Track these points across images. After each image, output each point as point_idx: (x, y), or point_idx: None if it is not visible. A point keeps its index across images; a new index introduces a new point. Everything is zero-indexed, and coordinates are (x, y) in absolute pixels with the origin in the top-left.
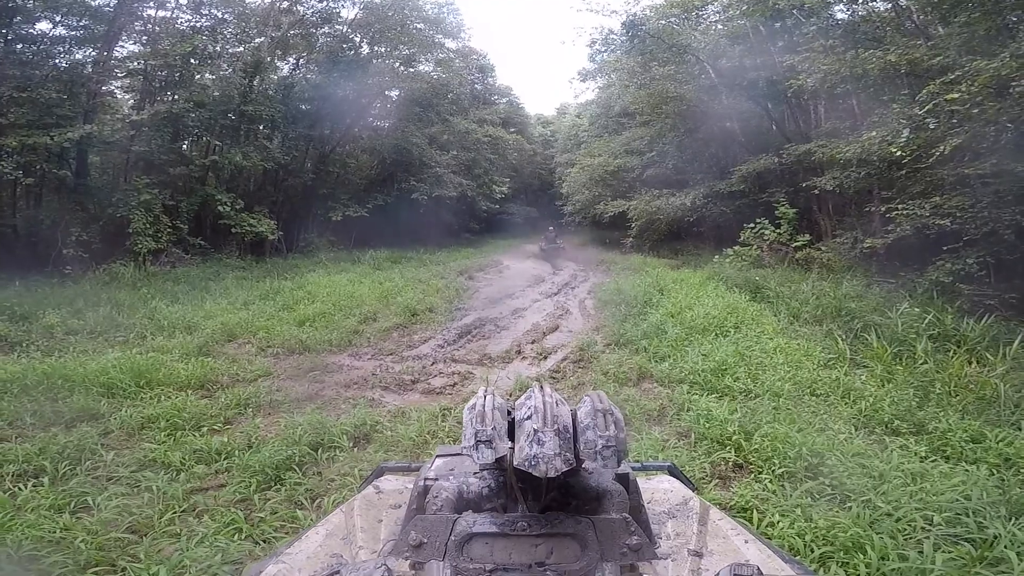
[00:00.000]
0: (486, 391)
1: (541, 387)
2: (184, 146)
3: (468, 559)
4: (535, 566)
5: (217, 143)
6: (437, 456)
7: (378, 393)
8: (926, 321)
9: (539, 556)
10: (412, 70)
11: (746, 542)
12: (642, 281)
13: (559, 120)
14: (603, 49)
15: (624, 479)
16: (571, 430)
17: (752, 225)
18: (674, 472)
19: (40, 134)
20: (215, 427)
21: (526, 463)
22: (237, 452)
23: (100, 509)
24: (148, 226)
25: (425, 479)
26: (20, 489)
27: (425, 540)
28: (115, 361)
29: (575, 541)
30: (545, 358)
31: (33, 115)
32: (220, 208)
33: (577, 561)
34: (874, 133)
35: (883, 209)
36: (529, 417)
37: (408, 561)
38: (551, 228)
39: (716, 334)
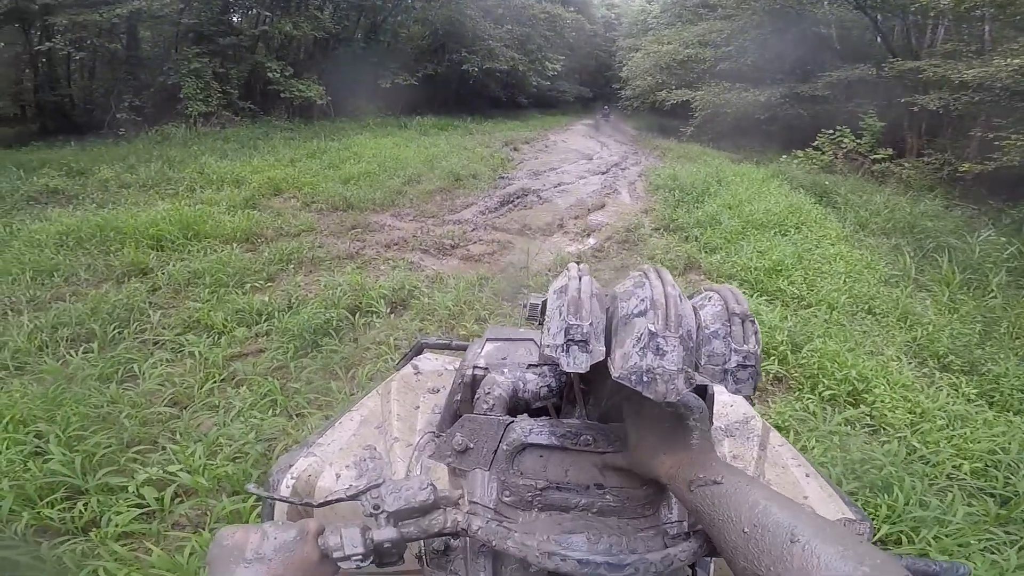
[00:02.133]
0: (580, 270)
1: (659, 273)
2: (235, 18)
3: (518, 472)
4: (593, 487)
5: (267, 13)
6: (487, 340)
7: (417, 256)
8: (1008, 252)
9: (598, 476)
10: None
11: (807, 476)
12: (700, 170)
13: (626, 3)
14: None
15: (702, 391)
16: (695, 338)
17: (831, 131)
18: None
19: (89, 12)
20: (257, 284)
21: (634, 377)
22: (277, 313)
23: (145, 378)
24: (199, 91)
25: (474, 367)
26: (72, 356)
27: (472, 444)
28: (164, 213)
29: None
30: (588, 235)
31: None
32: (270, 75)
33: (642, 487)
34: (1013, 60)
35: (991, 136)
36: (642, 313)
37: (449, 466)
38: (606, 107)
39: (775, 231)
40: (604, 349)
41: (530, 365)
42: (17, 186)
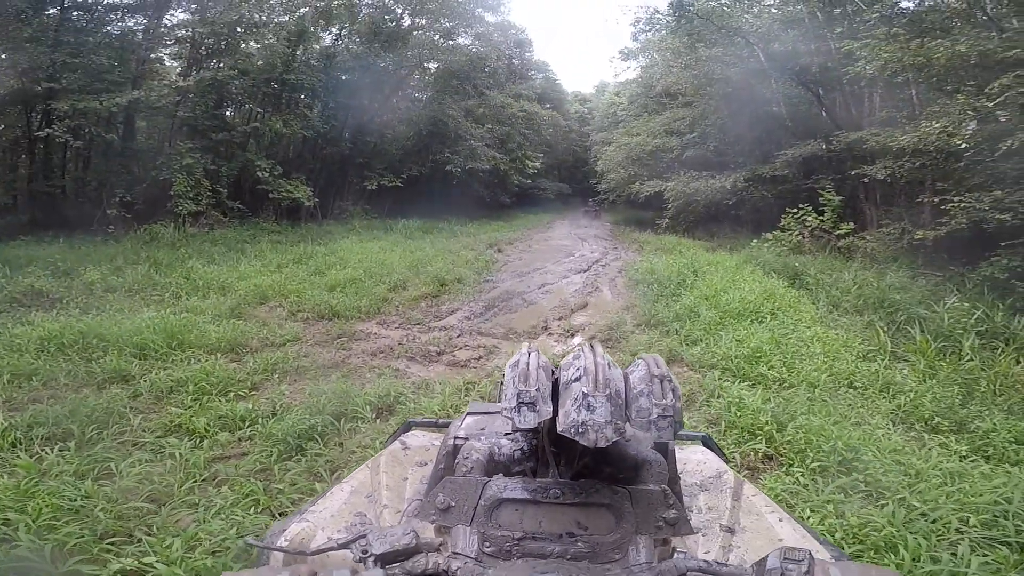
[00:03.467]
0: (530, 348)
1: (592, 347)
2: (228, 112)
3: (496, 525)
4: (566, 536)
5: (259, 110)
6: (468, 414)
7: (403, 363)
8: (975, 317)
9: (570, 525)
10: (451, 43)
11: (780, 520)
12: (676, 262)
13: (597, 98)
14: (647, 28)
15: (663, 448)
16: (623, 396)
17: (795, 210)
18: (708, 443)
19: (91, 99)
20: (241, 392)
21: (572, 430)
22: (261, 419)
23: (122, 476)
24: (189, 189)
25: (455, 438)
26: (47, 453)
27: (453, 503)
28: (149, 321)
29: (610, 512)
30: (572, 335)
31: (85, 80)
32: (259, 174)
33: (611, 533)
34: (936, 123)
35: (936, 200)
36: (578, 379)
37: (434, 524)
38: (592, 202)
39: (751, 319)
40: (551, 409)
41: (506, 434)
42: (1, 285)
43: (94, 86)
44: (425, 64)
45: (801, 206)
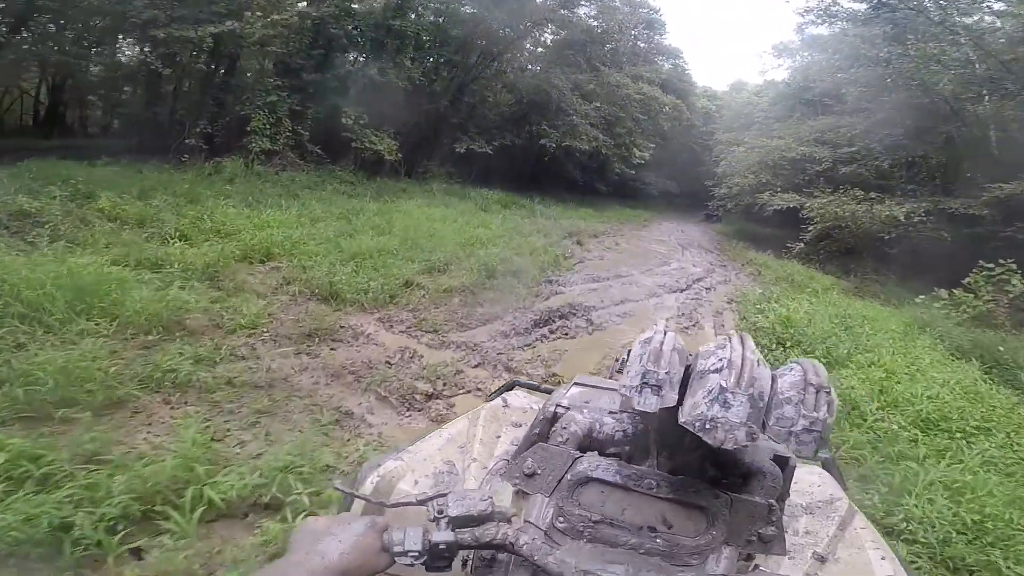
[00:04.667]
0: (666, 326)
1: (742, 339)
2: (325, 54)
3: (576, 503)
4: (646, 529)
5: (359, 56)
6: (574, 383)
7: (367, 405)
8: None
9: (654, 520)
10: (571, 13)
11: (882, 559)
12: (816, 308)
13: (731, 96)
14: (819, 20)
15: (783, 462)
16: (766, 400)
17: (990, 266)
18: (828, 466)
19: (188, 28)
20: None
21: (697, 424)
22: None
23: None
24: (268, 127)
25: (557, 405)
26: None
27: (539, 471)
28: (73, 270)
29: (703, 515)
30: None
31: (186, 9)
32: (344, 120)
33: (697, 536)
34: None
35: None
36: (718, 370)
37: (515, 488)
38: (710, 206)
39: (952, 435)
40: (676, 397)
41: (610, 411)
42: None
43: (196, 16)
44: (541, 31)
45: (1003, 261)
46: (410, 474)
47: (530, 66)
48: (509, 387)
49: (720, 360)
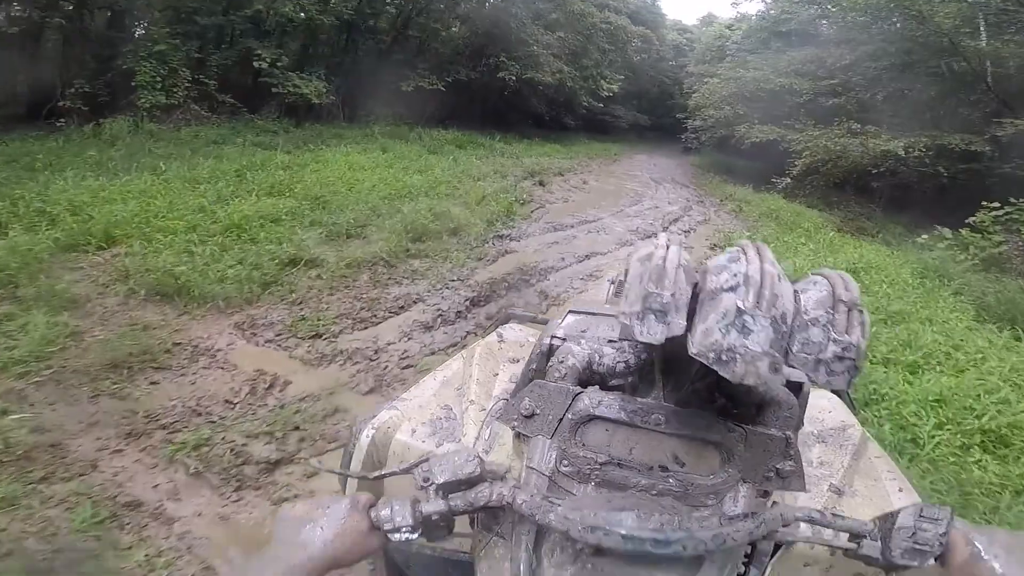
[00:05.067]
0: (669, 239)
1: (758, 249)
2: None
3: (580, 443)
4: (657, 468)
5: None
6: (569, 312)
7: (171, 485)
8: None
9: (665, 458)
10: None
11: (900, 490)
12: (813, 252)
13: (701, 30)
14: None
15: (797, 389)
16: (789, 321)
17: (996, 204)
18: (840, 392)
19: None
20: None
21: (712, 355)
22: None
23: None
24: (158, 79)
25: (552, 337)
26: None
27: (538, 411)
28: None
29: (716, 451)
30: None
31: None
32: (257, 64)
33: (711, 475)
34: None
35: None
36: (732, 288)
37: (514, 430)
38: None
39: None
40: (684, 324)
41: (609, 340)
42: None
43: None
44: None
45: (1016, 200)
46: (406, 423)
47: None
48: (504, 320)
49: (735, 276)
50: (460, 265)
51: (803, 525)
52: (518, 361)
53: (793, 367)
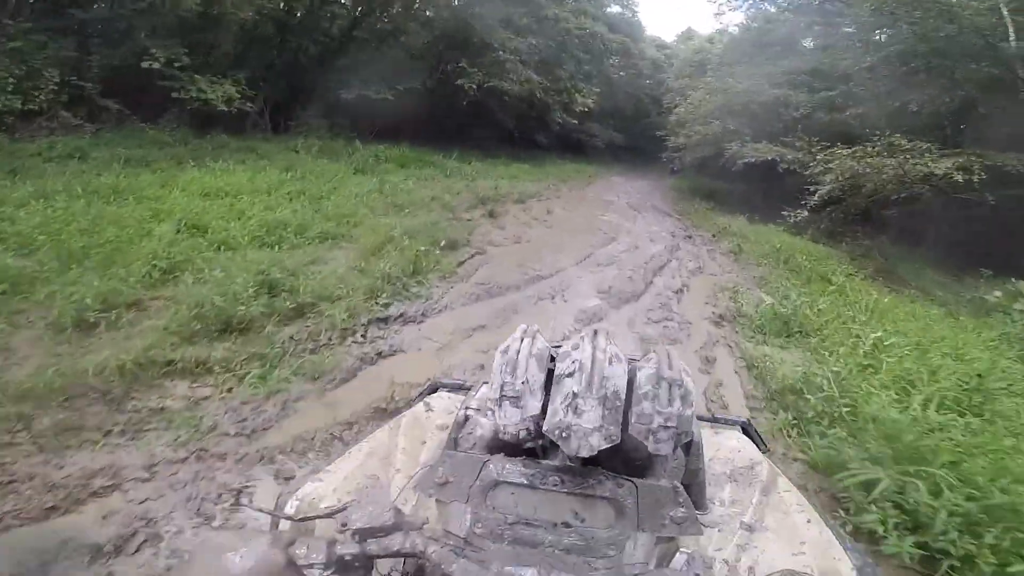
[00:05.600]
0: (524, 333)
1: (595, 336)
2: None
3: (491, 507)
4: (560, 525)
5: None
6: (483, 383)
7: None
8: None
9: (566, 515)
10: None
11: (808, 521)
12: (848, 316)
13: (680, 46)
14: None
15: (687, 446)
16: (623, 397)
17: None
18: (748, 431)
19: None
20: None
21: (556, 431)
22: None
23: None
24: (12, 81)
25: (467, 408)
26: None
27: (451, 479)
28: None
29: (610, 505)
30: None
31: None
32: (148, 64)
33: (609, 528)
34: None
35: None
36: (571, 374)
37: (431, 497)
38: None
39: None
40: (539, 405)
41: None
42: None
43: None
44: None
45: None
46: (331, 494)
47: None
48: (432, 389)
49: (573, 363)
50: (253, 401)
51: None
52: (445, 428)
53: (632, 436)
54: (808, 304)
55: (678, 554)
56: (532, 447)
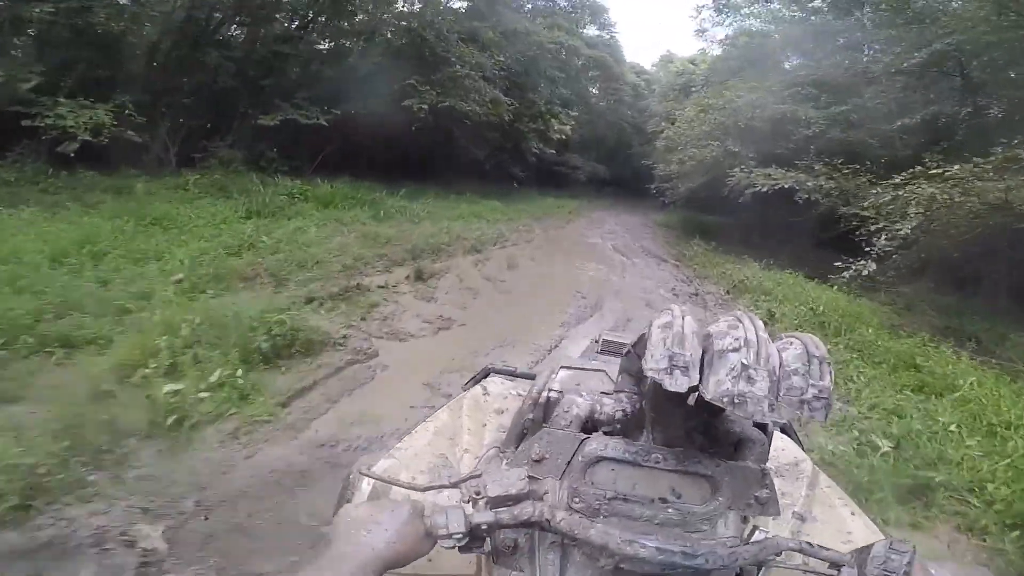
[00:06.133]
0: (682, 311)
1: (751, 319)
2: None
3: (589, 483)
4: (658, 501)
5: None
6: (561, 367)
7: None
8: None
9: (663, 492)
10: None
11: (852, 514)
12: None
13: (660, 72)
14: None
15: (763, 429)
16: (778, 374)
17: None
18: (787, 430)
19: None
20: None
21: (726, 399)
22: None
23: None
24: None
25: (550, 390)
26: None
27: (547, 455)
28: None
29: (707, 483)
30: None
31: None
32: None
33: (704, 504)
34: None
35: None
36: (736, 349)
37: (526, 475)
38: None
39: None
40: (698, 376)
41: (603, 392)
42: None
43: None
44: None
45: None
46: (404, 472)
47: (404, 4)
48: (485, 374)
49: (736, 340)
50: None
51: (794, 553)
52: (503, 412)
53: (784, 407)
54: (936, 432)
55: (757, 533)
56: (610, 431)
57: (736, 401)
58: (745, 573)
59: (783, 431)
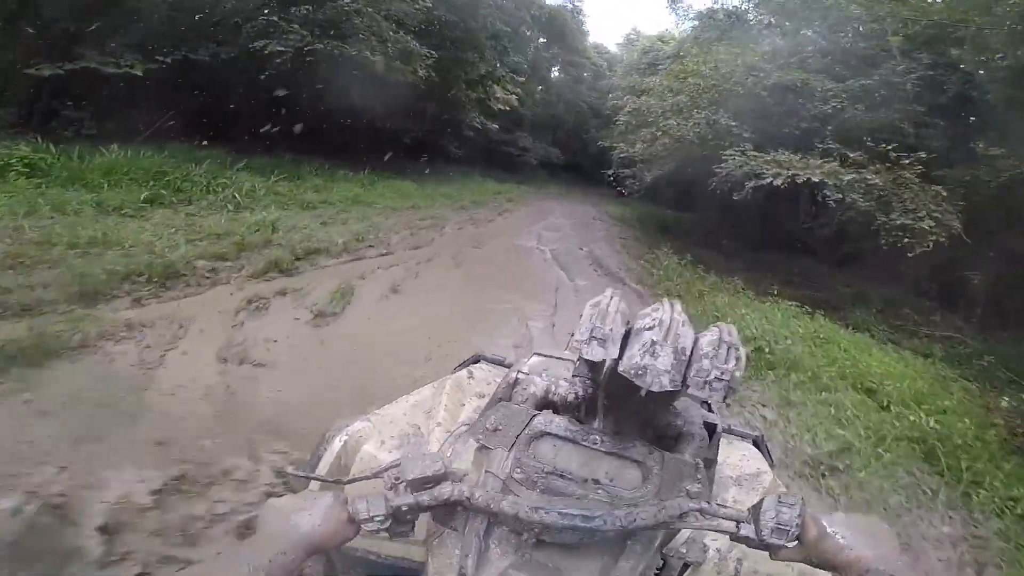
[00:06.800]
0: (612, 293)
1: (672, 304)
2: None
3: (531, 455)
4: (591, 481)
5: None
6: (534, 354)
7: None
8: None
9: (598, 473)
10: None
11: None
12: None
13: (625, 50)
14: None
15: (711, 429)
16: (688, 355)
17: None
18: (759, 444)
19: None
20: None
21: (632, 371)
22: None
23: None
24: None
25: (518, 372)
26: None
27: (501, 427)
28: None
29: (638, 470)
30: None
31: None
32: None
33: (634, 490)
34: None
35: None
36: (651, 328)
37: (478, 444)
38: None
39: None
40: (617, 351)
41: (564, 378)
42: None
43: None
44: None
45: None
46: (376, 435)
47: None
48: (475, 360)
49: (653, 320)
50: None
51: (695, 515)
52: (484, 396)
53: (689, 387)
54: None
55: (682, 532)
56: (570, 413)
57: (638, 373)
58: (670, 567)
59: (755, 444)
